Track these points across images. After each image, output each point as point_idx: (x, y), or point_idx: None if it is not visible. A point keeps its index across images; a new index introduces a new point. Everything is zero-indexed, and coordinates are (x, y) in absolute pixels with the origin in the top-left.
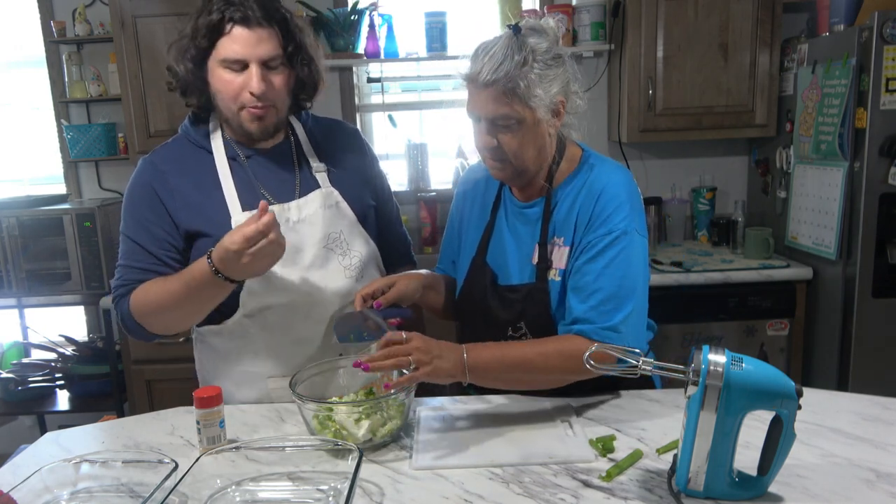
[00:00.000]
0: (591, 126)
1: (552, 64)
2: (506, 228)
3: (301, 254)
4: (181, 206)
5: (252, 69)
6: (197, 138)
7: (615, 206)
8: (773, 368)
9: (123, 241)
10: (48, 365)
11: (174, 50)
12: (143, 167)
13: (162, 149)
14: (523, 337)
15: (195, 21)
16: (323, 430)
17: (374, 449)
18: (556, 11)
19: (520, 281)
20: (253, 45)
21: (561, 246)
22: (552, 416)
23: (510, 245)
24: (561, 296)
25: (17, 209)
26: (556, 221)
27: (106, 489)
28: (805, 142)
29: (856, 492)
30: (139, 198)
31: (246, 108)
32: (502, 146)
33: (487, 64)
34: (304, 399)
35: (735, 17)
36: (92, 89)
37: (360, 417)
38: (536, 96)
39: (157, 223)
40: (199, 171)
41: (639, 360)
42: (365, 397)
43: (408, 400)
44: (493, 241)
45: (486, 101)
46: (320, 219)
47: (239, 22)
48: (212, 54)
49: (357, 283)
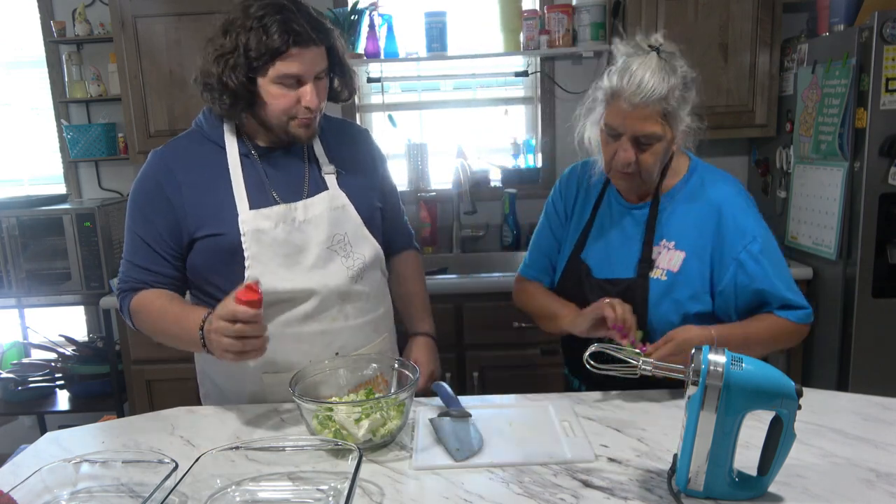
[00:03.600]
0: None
1: (690, 86)
2: (610, 226)
3: (304, 253)
4: (187, 203)
5: (307, 86)
6: (211, 133)
7: (744, 215)
8: (772, 368)
9: (128, 235)
10: (48, 365)
11: (219, 64)
12: (153, 161)
13: (174, 142)
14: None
15: (245, 38)
16: (323, 430)
17: (374, 449)
18: (556, 11)
19: (621, 275)
20: (309, 63)
21: (671, 249)
22: (552, 416)
23: (614, 242)
24: (665, 295)
25: (17, 209)
26: (666, 225)
27: (106, 489)
28: (805, 142)
29: (856, 492)
30: (145, 193)
31: (297, 118)
32: (639, 162)
33: (647, 83)
34: (303, 399)
35: (735, 17)
36: (92, 89)
37: (359, 417)
38: (679, 118)
39: (161, 220)
40: (209, 167)
41: (639, 360)
42: (365, 397)
43: (408, 400)
44: (591, 238)
45: (636, 119)
46: (325, 220)
47: (298, 43)
48: (267, 71)
49: (356, 283)
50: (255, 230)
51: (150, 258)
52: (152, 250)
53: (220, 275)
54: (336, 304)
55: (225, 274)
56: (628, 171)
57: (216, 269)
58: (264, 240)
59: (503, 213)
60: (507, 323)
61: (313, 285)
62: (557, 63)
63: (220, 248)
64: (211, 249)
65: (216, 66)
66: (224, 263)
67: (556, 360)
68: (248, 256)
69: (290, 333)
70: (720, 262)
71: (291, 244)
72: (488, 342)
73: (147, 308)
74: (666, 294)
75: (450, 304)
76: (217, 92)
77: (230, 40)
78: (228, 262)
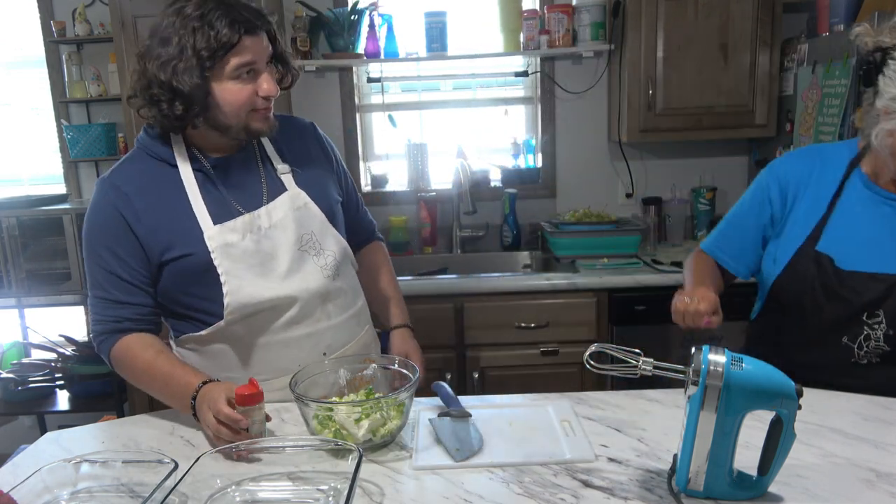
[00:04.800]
0: (591, 126)
1: None
2: (862, 217)
3: (276, 259)
4: (150, 230)
5: (263, 74)
6: (158, 152)
7: None
8: (773, 368)
9: (96, 272)
10: (48, 365)
11: (166, 71)
12: (104, 191)
13: (120, 168)
14: (878, 325)
15: (188, 38)
16: (323, 430)
17: (375, 449)
18: (556, 11)
19: (883, 270)
20: (260, 50)
21: None
22: (552, 416)
23: (871, 233)
24: None
25: (17, 209)
26: None
27: (106, 489)
28: (805, 141)
29: (856, 492)
30: (106, 225)
31: (256, 110)
32: None
33: None
34: (303, 399)
35: (735, 18)
36: (92, 89)
37: (359, 417)
38: None
39: (128, 250)
40: (163, 188)
41: (639, 360)
42: (365, 397)
43: (408, 400)
44: (833, 227)
45: None
46: (291, 221)
47: (248, 30)
48: (222, 69)
49: (334, 281)
50: (224, 245)
51: (126, 291)
52: (126, 283)
53: (194, 294)
54: (318, 305)
55: (199, 292)
56: None
57: (188, 290)
58: (234, 253)
59: (503, 213)
60: (508, 323)
61: (293, 291)
62: (557, 63)
63: (190, 269)
64: (181, 271)
65: (163, 74)
66: (196, 283)
67: (556, 360)
68: (221, 273)
69: (277, 340)
70: None
71: (262, 252)
72: (488, 342)
73: (131, 363)
74: None
75: (450, 304)
76: (166, 102)
77: (173, 46)
78: (201, 281)
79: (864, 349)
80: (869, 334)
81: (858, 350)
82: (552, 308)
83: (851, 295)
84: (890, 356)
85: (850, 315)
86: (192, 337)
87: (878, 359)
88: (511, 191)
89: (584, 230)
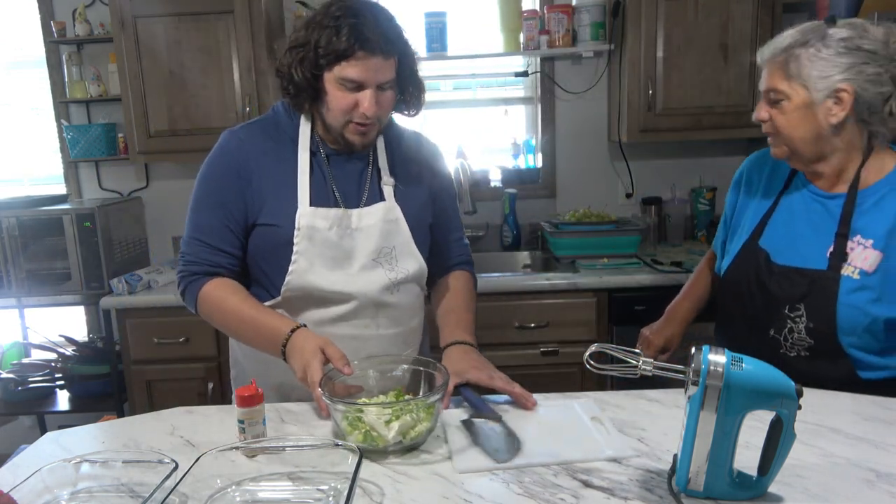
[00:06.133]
0: (591, 126)
1: (843, 52)
2: (797, 214)
3: (350, 260)
4: (256, 191)
5: (367, 92)
6: (286, 126)
7: None
8: (773, 368)
9: (200, 214)
10: (48, 365)
11: (290, 55)
12: (230, 140)
13: (249, 127)
14: (799, 319)
15: (318, 34)
16: (353, 432)
17: (405, 451)
18: (556, 11)
19: (808, 265)
20: (373, 71)
21: (867, 248)
22: (581, 414)
23: (802, 230)
24: (856, 296)
25: (17, 209)
26: (863, 221)
27: (106, 489)
28: None
29: (856, 492)
30: (222, 174)
31: (353, 122)
32: (773, 120)
33: (779, 39)
34: (333, 400)
35: (735, 18)
36: (92, 89)
37: (390, 419)
38: (808, 76)
39: (234, 202)
40: (279, 157)
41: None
42: (395, 399)
43: (438, 403)
44: (773, 224)
45: (766, 73)
46: (377, 231)
47: (365, 49)
48: (332, 70)
49: (392, 294)
50: (310, 227)
51: (224, 238)
52: (228, 229)
53: (270, 263)
54: (370, 312)
55: (274, 263)
56: (767, 131)
57: (265, 259)
58: (316, 238)
59: (503, 213)
60: (508, 323)
61: (353, 290)
62: (557, 63)
63: (273, 239)
64: (266, 238)
65: (287, 57)
66: (274, 254)
67: (556, 360)
68: (296, 251)
69: (321, 333)
70: None
71: (341, 248)
72: (488, 342)
73: (220, 305)
74: (857, 295)
75: None
76: (285, 81)
77: (306, 34)
78: (279, 254)
79: (790, 341)
80: (792, 327)
81: (784, 342)
82: (552, 308)
83: (776, 289)
84: (815, 349)
85: (775, 308)
86: None
87: (807, 352)
88: (511, 191)
89: (584, 230)
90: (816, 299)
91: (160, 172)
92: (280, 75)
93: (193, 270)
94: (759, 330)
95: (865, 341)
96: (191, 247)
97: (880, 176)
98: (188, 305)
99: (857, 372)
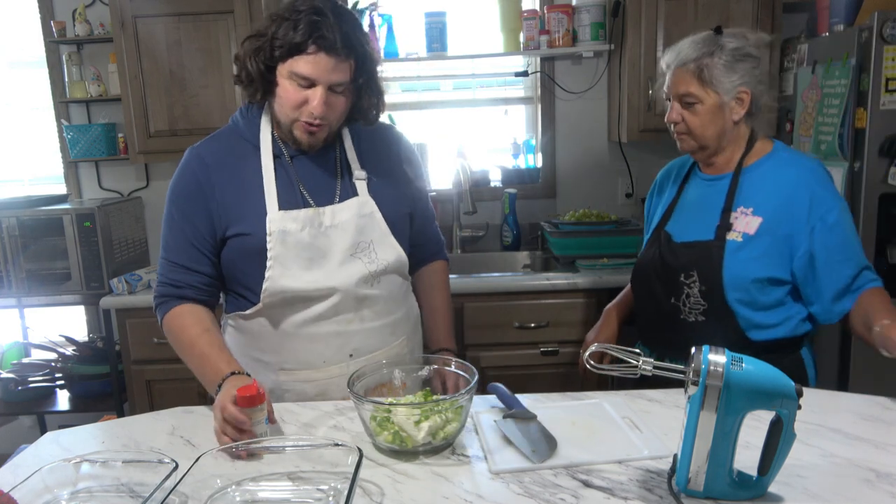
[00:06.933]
0: (591, 126)
1: (739, 59)
2: (693, 198)
3: (326, 258)
4: (222, 204)
5: (318, 90)
6: (246, 132)
7: (822, 187)
8: (773, 368)
9: (170, 235)
10: (48, 365)
11: (248, 44)
12: (191, 160)
13: (210, 141)
14: (694, 284)
15: (277, 26)
16: (382, 432)
17: (435, 451)
18: (556, 11)
19: (699, 238)
20: (327, 70)
21: (749, 215)
22: (612, 413)
23: (695, 211)
24: (739, 255)
25: (17, 209)
26: (745, 194)
27: (106, 489)
28: (805, 142)
29: (856, 492)
30: (186, 192)
31: (301, 121)
32: (686, 122)
33: (685, 50)
34: (361, 399)
35: (735, 17)
36: (92, 89)
37: (419, 419)
38: (719, 82)
39: (201, 219)
40: (242, 166)
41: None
42: (423, 399)
43: (466, 403)
44: (677, 211)
45: (677, 80)
46: (352, 227)
47: (320, 46)
48: (285, 63)
49: (372, 287)
50: (281, 231)
51: (193, 257)
52: (195, 249)
53: (246, 273)
54: (352, 306)
55: (251, 271)
56: (679, 131)
57: (243, 268)
58: (289, 241)
59: (503, 213)
60: (508, 323)
61: (333, 284)
62: (557, 63)
63: (247, 248)
64: (239, 248)
65: (246, 46)
66: (250, 262)
67: (556, 360)
68: (270, 256)
69: (306, 333)
70: (797, 231)
71: (315, 248)
72: (488, 342)
73: (178, 334)
74: (740, 254)
75: None
76: (239, 69)
77: (266, 25)
78: (254, 262)
79: (688, 306)
80: (689, 293)
81: (683, 307)
82: (552, 308)
83: (672, 260)
84: (709, 312)
85: (673, 277)
86: (237, 314)
87: (702, 315)
88: (511, 191)
89: (583, 230)
90: (706, 263)
91: (160, 172)
92: (236, 63)
93: (164, 293)
94: (662, 300)
95: (751, 296)
96: (163, 267)
97: (760, 156)
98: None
99: (747, 333)
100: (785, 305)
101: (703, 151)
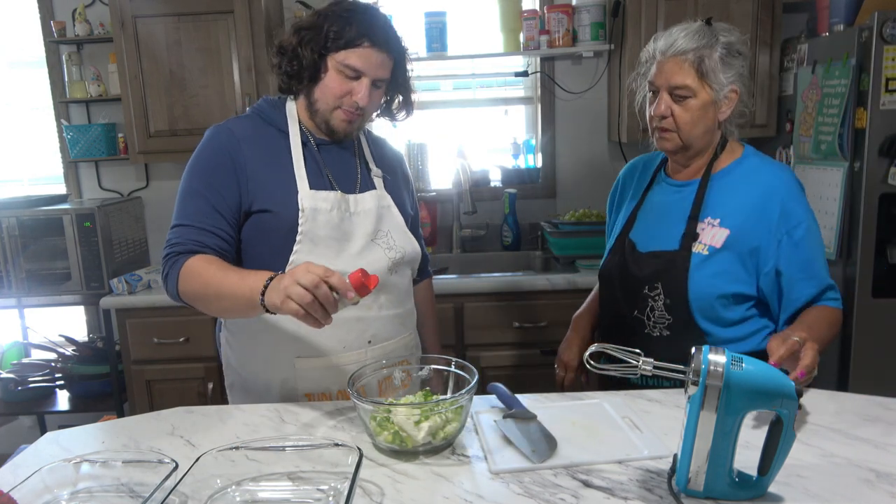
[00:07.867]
0: (591, 126)
1: (734, 55)
2: (658, 204)
3: (350, 242)
4: (250, 178)
5: (364, 82)
6: (272, 117)
7: (793, 201)
8: (773, 368)
9: (189, 197)
10: (48, 365)
11: (299, 35)
12: (219, 132)
13: (235, 120)
14: (658, 296)
15: (330, 21)
16: (382, 432)
17: (435, 452)
18: (556, 11)
19: (664, 248)
20: (375, 65)
21: (716, 226)
22: (612, 413)
23: (660, 218)
24: (705, 269)
25: (17, 209)
26: (713, 204)
27: (106, 489)
28: (805, 142)
29: (856, 492)
30: (214, 160)
31: (342, 108)
32: (675, 117)
33: (682, 38)
34: (362, 399)
35: (735, 17)
36: (92, 89)
37: (419, 419)
38: (715, 77)
39: (226, 186)
40: (271, 146)
41: (639, 360)
42: (423, 399)
43: (466, 403)
44: (640, 217)
45: (671, 70)
46: (373, 215)
47: (373, 42)
48: (335, 55)
49: (392, 275)
50: (313, 209)
51: (213, 219)
52: (216, 211)
53: (265, 251)
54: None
55: (270, 251)
56: (665, 124)
57: (261, 246)
58: (320, 220)
59: (503, 213)
60: (508, 323)
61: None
62: (557, 63)
63: (272, 226)
64: (262, 225)
65: (294, 37)
66: (270, 241)
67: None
68: (301, 232)
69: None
70: (765, 244)
71: (341, 230)
72: (488, 342)
73: (203, 270)
74: (705, 268)
75: (450, 304)
76: (288, 58)
77: (316, 20)
78: (276, 241)
79: (652, 320)
80: (653, 306)
81: (648, 321)
82: (552, 308)
83: (636, 270)
84: (674, 327)
85: (637, 289)
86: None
87: (667, 330)
88: (511, 191)
89: (583, 230)
90: (671, 276)
91: (160, 172)
92: (282, 52)
93: (178, 250)
94: (626, 312)
95: (716, 312)
96: (177, 233)
97: (730, 161)
98: (170, 291)
99: None
100: (751, 320)
101: (684, 152)
